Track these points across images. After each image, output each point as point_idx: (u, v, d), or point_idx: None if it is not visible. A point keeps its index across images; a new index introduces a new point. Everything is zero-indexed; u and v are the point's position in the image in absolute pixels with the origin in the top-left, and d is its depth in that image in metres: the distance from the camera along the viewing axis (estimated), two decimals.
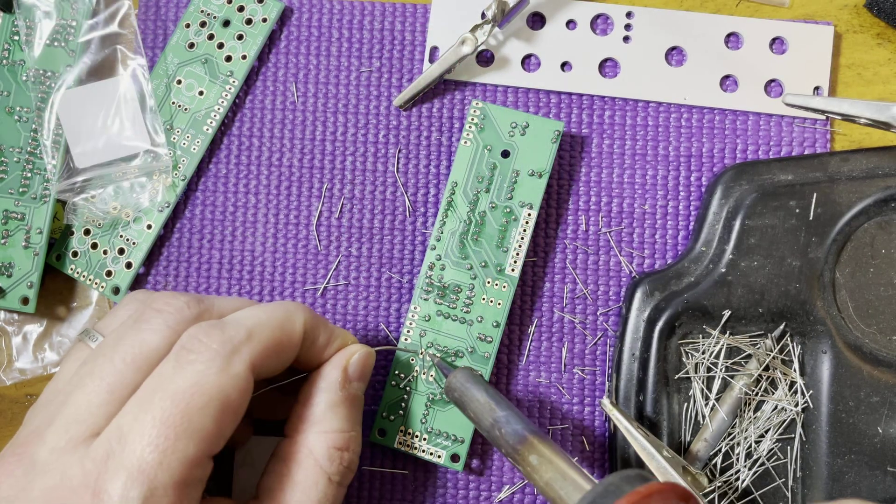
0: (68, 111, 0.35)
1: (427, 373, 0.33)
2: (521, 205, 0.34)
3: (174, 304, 0.27)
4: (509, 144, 0.34)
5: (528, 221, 0.34)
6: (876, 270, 0.33)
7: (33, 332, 0.36)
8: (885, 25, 0.36)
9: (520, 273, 0.34)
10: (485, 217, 0.34)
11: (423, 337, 0.34)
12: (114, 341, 0.26)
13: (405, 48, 0.37)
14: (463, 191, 0.34)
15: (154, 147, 0.35)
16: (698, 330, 0.32)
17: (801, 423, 0.32)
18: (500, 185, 0.34)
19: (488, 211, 0.34)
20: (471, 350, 0.33)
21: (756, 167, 0.34)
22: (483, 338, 0.33)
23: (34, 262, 0.34)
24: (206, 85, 0.36)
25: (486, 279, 0.34)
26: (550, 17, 0.36)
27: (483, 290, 0.34)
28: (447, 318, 0.34)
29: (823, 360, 0.32)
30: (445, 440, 0.33)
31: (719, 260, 0.33)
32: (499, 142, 0.34)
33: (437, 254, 0.34)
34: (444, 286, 0.34)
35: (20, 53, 0.35)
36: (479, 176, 0.34)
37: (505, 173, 0.34)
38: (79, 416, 0.25)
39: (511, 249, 0.34)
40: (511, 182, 0.34)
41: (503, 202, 0.34)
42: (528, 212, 0.34)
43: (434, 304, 0.34)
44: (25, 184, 0.35)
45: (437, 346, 0.33)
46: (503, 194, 0.34)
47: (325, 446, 0.28)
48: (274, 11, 0.36)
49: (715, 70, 0.36)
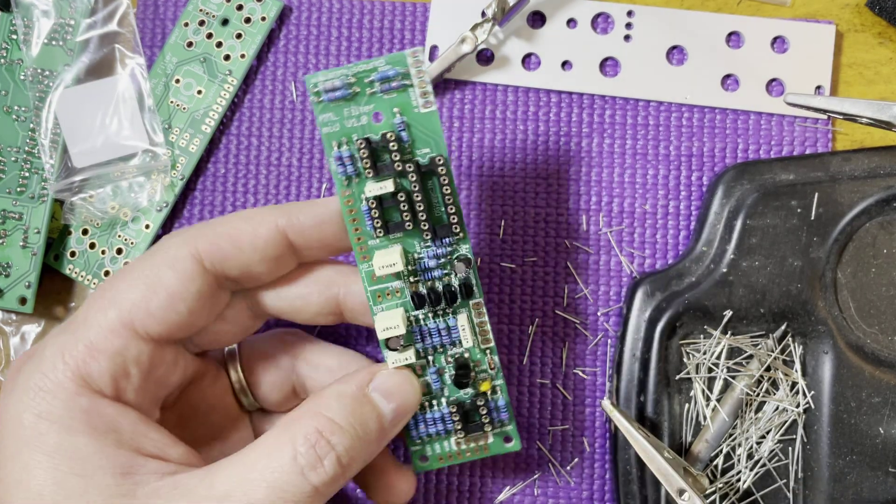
0: (66, 110, 0.34)
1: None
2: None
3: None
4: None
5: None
6: (878, 270, 0.33)
7: (31, 332, 0.36)
8: (887, 25, 0.36)
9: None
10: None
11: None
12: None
13: (405, 47, 0.36)
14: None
15: (152, 146, 0.35)
16: (699, 330, 0.32)
17: (803, 423, 0.32)
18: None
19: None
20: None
21: (757, 167, 0.34)
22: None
23: (32, 262, 0.34)
24: (205, 84, 0.36)
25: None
26: (551, 15, 0.36)
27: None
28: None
29: (825, 361, 0.32)
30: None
31: (720, 260, 0.32)
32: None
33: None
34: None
35: (18, 52, 0.35)
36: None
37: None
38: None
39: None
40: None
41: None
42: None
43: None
44: (23, 183, 0.35)
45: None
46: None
47: (310, 426, 0.25)
48: (273, 10, 0.36)
49: (716, 69, 0.36)
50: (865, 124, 0.31)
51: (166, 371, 0.27)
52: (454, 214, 0.28)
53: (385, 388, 0.27)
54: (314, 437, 0.24)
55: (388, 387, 0.27)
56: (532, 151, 0.36)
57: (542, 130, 0.36)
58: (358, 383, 0.27)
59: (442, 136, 0.28)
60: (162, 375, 0.27)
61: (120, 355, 0.26)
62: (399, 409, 0.27)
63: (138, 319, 0.26)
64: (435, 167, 0.27)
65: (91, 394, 0.25)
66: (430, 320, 0.29)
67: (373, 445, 0.26)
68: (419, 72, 0.27)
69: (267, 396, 0.31)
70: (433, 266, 0.28)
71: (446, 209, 0.28)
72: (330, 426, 0.25)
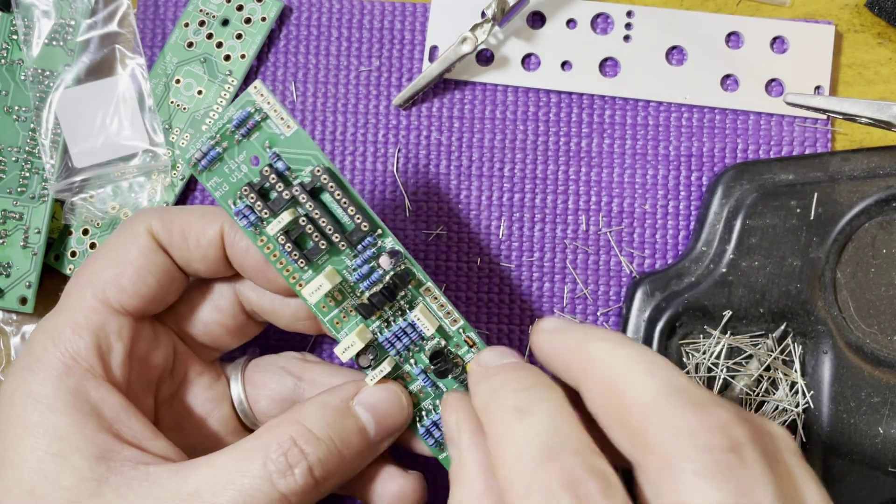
0: (67, 111, 0.34)
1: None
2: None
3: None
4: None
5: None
6: (877, 270, 0.33)
7: (32, 332, 0.36)
8: (886, 25, 0.36)
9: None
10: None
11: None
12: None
13: (405, 47, 0.36)
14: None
15: (153, 147, 0.35)
16: (699, 330, 0.32)
17: (802, 423, 0.32)
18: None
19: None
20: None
21: (757, 167, 0.34)
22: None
23: (32, 261, 0.34)
24: (205, 84, 0.36)
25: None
26: (551, 16, 0.36)
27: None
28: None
29: (824, 361, 0.32)
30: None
31: (720, 260, 0.32)
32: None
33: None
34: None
35: (18, 52, 0.35)
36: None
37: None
38: None
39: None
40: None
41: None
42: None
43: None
44: (24, 183, 0.35)
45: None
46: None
47: (284, 434, 0.25)
48: (273, 10, 0.36)
49: (715, 69, 0.36)
50: (865, 124, 0.31)
51: (147, 347, 0.28)
52: (357, 215, 0.27)
53: (370, 403, 0.27)
54: (287, 444, 0.24)
55: (373, 401, 0.27)
56: (532, 151, 0.36)
57: (542, 130, 0.36)
58: (342, 395, 0.27)
59: (315, 147, 0.27)
60: (144, 352, 0.28)
61: (101, 330, 0.27)
62: (383, 423, 0.27)
63: (112, 295, 0.27)
64: (319, 179, 0.27)
65: (80, 374, 0.26)
66: (391, 325, 0.28)
67: (355, 460, 0.26)
68: (268, 102, 0.27)
69: (267, 412, 0.31)
70: (368, 272, 0.28)
71: (349, 214, 0.27)
72: (305, 435, 0.25)
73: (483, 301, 0.35)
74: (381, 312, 0.28)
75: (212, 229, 0.28)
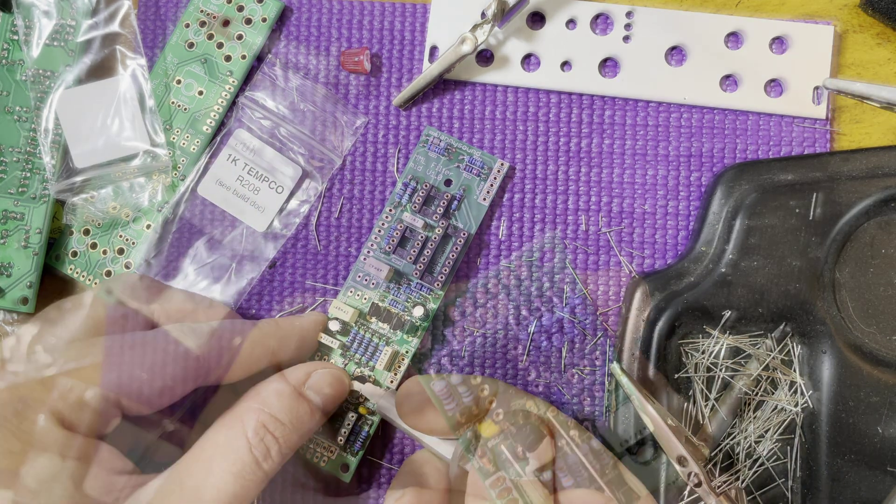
0: (67, 111, 0.35)
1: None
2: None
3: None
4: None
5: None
6: (876, 270, 0.33)
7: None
8: (885, 25, 0.36)
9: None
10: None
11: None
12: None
13: (405, 47, 0.37)
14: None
15: (153, 147, 0.35)
16: (698, 330, 0.32)
17: (801, 423, 0.32)
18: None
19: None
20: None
21: (756, 167, 0.34)
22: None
23: (33, 262, 0.34)
24: (206, 85, 0.36)
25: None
26: (550, 16, 0.36)
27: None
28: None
29: (823, 360, 0.32)
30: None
31: (720, 260, 0.33)
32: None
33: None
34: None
35: (19, 53, 0.35)
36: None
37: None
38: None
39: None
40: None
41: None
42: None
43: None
44: (24, 184, 0.35)
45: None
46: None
47: (257, 421, 0.29)
48: (273, 11, 0.36)
49: (715, 69, 0.36)
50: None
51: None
52: (446, 273, 0.34)
53: (318, 387, 0.31)
54: (262, 431, 0.29)
55: (320, 386, 0.32)
56: (532, 151, 0.36)
57: (542, 130, 0.36)
58: (295, 383, 0.31)
59: (479, 221, 0.35)
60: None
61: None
62: (329, 402, 0.32)
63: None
64: (458, 235, 0.34)
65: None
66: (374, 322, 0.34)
67: (308, 433, 0.31)
68: (493, 175, 0.35)
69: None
70: (402, 299, 0.34)
71: (442, 267, 0.34)
72: (273, 422, 0.29)
73: (483, 301, 0.35)
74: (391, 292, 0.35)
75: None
